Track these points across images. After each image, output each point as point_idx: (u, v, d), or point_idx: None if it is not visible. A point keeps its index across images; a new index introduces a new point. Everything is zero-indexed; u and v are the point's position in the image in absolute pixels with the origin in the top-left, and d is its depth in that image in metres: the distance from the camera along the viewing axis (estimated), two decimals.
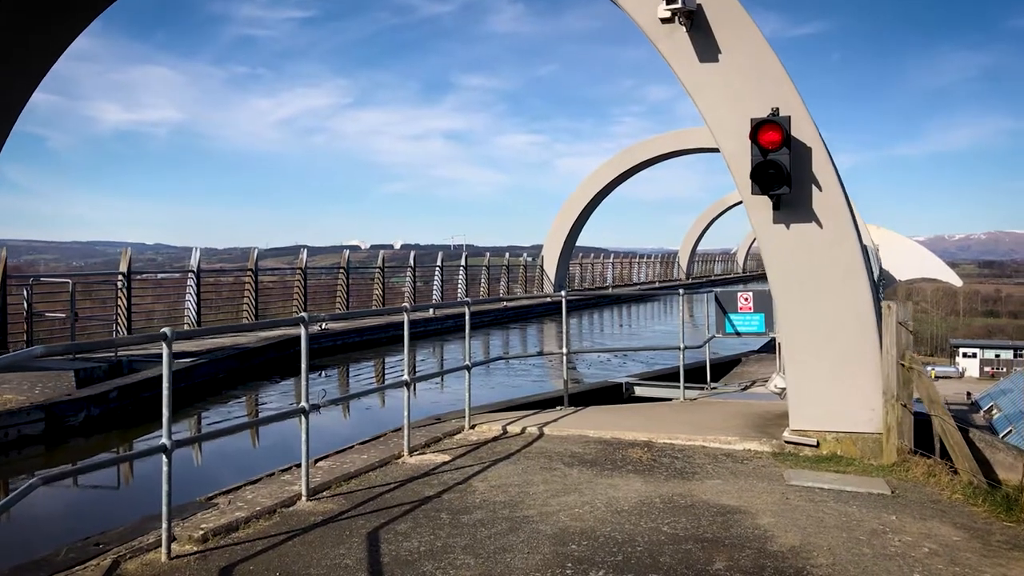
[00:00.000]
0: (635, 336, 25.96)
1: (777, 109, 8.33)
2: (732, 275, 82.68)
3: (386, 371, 19.93)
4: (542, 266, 40.41)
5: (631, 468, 7.72)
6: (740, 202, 49.74)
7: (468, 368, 9.24)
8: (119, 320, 18.13)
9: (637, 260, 57.86)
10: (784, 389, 9.65)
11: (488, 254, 36.42)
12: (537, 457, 8.12)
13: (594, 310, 37.43)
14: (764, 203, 8.45)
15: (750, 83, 8.52)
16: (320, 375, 18.41)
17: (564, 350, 10.43)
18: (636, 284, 53.18)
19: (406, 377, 8.17)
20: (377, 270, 28.08)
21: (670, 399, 11.49)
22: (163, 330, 5.50)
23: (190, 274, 20.28)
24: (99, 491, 9.56)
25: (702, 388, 11.90)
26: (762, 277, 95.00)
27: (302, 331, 6.79)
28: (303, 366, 6.83)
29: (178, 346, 17.26)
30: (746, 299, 11.78)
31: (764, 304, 11.71)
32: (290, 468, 7.53)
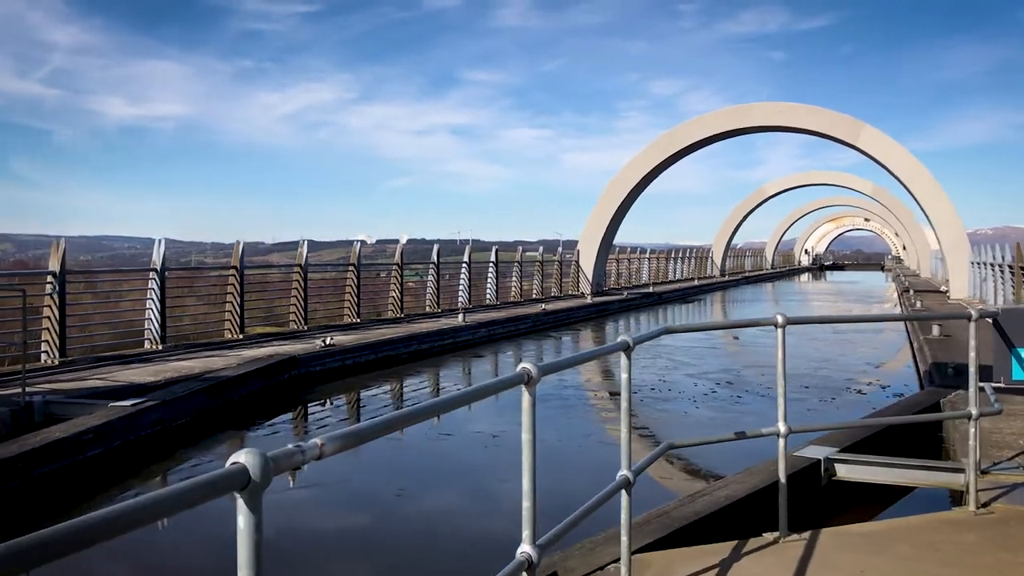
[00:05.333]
0: (747, 355, 20.72)
1: None
2: (763, 271, 77.92)
3: (406, 399, 15.03)
4: (578, 262, 35.55)
5: None
6: (778, 194, 45.70)
7: (629, 485, 4.37)
8: (49, 335, 13.31)
9: (673, 256, 52.87)
10: None
11: (520, 248, 31.50)
12: None
13: (636, 312, 32.50)
14: None
15: None
16: (324, 404, 13.69)
17: (781, 427, 5.50)
18: (674, 281, 48.25)
19: (528, 551, 3.30)
20: (394, 266, 23.18)
21: (943, 497, 6.59)
22: None
23: (152, 273, 15.42)
24: None
25: (958, 471, 6.99)
26: (791, 274, 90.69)
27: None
28: None
29: (129, 375, 12.41)
30: None
31: None
32: None
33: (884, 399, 13.24)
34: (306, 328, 19.20)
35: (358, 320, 21.13)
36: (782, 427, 5.54)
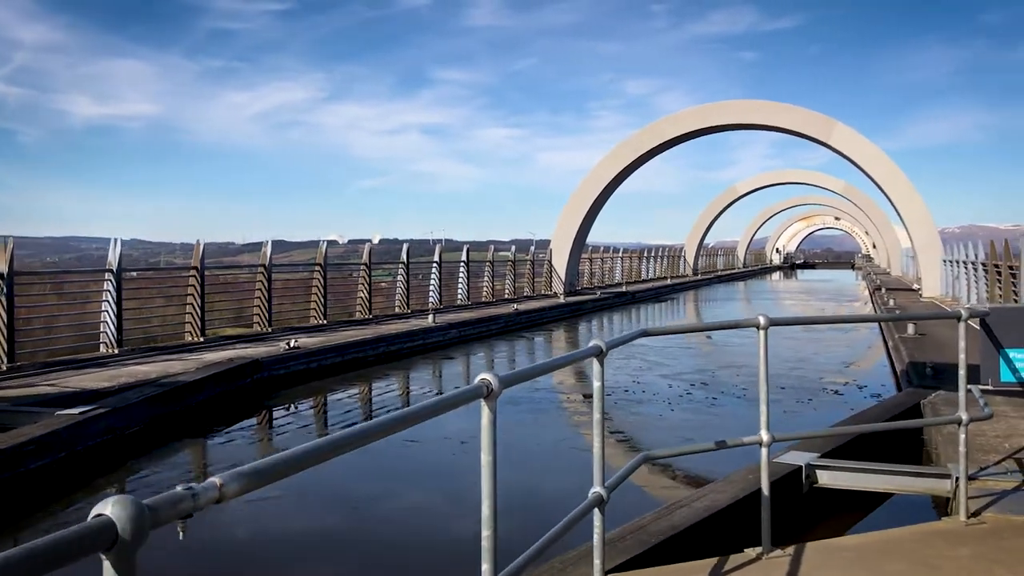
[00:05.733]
0: (721, 355, 20.38)
1: None
2: (735, 270, 78.13)
3: (372, 403, 14.62)
4: (550, 261, 35.22)
5: None
6: (749, 193, 45.84)
7: (602, 503, 4.00)
8: None
9: (646, 255, 52.74)
10: None
11: (492, 247, 31.09)
12: None
13: (609, 311, 32.24)
14: None
15: None
16: (288, 409, 13.21)
17: (764, 436, 5.14)
18: (647, 280, 48.11)
19: None
20: (363, 266, 22.68)
21: (925, 502, 6.29)
22: None
23: (108, 274, 14.84)
24: None
25: (943, 476, 6.71)
26: (763, 272, 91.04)
27: None
28: None
29: (81, 380, 11.86)
30: None
31: None
32: None
33: (862, 400, 13.01)
34: (270, 330, 18.67)
35: (325, 321, 20.62)
36: (765, 436, 5.18)
